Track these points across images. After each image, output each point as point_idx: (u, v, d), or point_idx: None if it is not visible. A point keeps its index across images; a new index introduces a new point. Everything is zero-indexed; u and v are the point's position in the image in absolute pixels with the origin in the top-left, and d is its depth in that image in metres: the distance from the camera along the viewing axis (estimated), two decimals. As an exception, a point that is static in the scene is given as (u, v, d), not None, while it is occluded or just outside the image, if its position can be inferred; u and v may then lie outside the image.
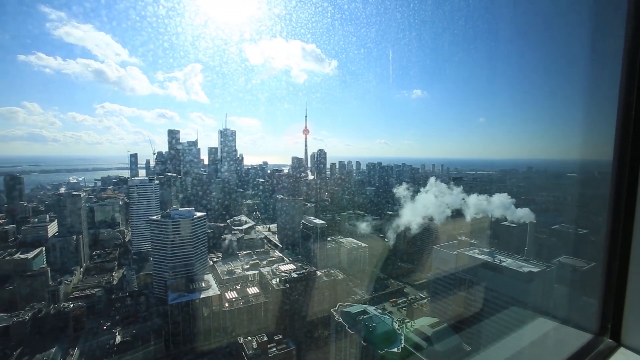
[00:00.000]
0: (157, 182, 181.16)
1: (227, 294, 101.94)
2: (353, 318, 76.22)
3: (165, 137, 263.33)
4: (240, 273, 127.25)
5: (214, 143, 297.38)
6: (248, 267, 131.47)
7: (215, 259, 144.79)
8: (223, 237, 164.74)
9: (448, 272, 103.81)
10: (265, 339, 76.77)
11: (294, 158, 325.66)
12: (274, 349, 76.22)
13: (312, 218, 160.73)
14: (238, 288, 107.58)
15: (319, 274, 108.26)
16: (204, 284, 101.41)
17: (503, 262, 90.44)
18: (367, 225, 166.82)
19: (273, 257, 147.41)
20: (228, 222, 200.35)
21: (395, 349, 69.13)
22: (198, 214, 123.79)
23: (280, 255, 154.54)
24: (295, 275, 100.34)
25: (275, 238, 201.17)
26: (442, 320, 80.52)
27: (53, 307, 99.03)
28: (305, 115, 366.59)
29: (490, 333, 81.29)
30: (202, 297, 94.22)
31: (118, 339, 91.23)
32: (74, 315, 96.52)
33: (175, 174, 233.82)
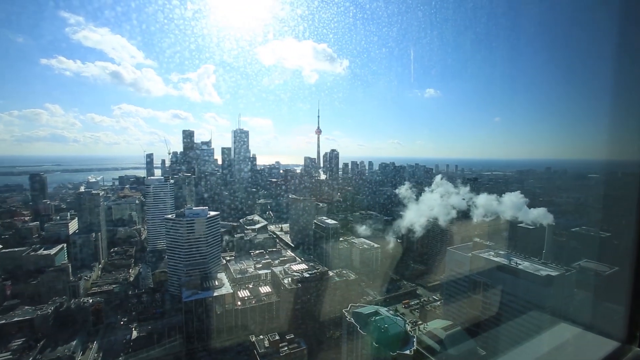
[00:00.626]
0: (172, 181, 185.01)
1: (239, 293, 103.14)
2: (365, 319, 75.80)
3: (180, 137, 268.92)
4: (253, 272, 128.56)
5: (228, 143, 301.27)
6: (260, 266, 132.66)
7: (228, 258, 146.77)
8: (236, 236, 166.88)
9: (462, 274, 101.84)
10: (277, 338, 77.30)
11: (307, 158, 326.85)
12: (286, 348, 76.64)
13: (324, 218, 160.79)
14: (250, 287, 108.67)
15: (331, 274, 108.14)
16: (217, 282, 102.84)
17: (520, 265, 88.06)
18: (379, 226, 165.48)
19: (285, 256, 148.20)
20: (241, 221, 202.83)
21: (408, 351, 68.38)
22: (212, 213, 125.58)
23: (293, 255, 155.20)
24: (307, 275, 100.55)
25: (288, 238, 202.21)
26: (455, 323, 79.20)
27: (73, 301, 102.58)
28: (318, 115, 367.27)
29: (507, 337, 79.33)
30: (215, 295, 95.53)
31: (134, 335, 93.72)
32: (93, 310, 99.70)
33: (190, 174, 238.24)
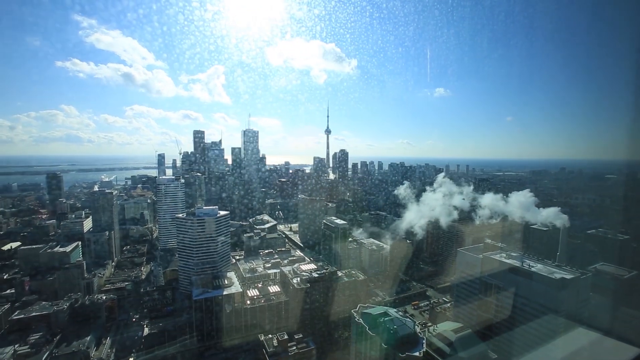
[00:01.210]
0: (182, 181, 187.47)
1: (249, 292, 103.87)
2: (374, 320, 75.32)
3: (191, 137, 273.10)
4: (262, 271, 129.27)
5: (237, 143, 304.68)
6: (269, 265, 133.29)
7: (238, 257, 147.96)
8: (245, 235, 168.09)
9: (473, 276, 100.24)
10: (286, 337, 77.45)
11: (316, 158, 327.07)
12: (294, 348, 76.76)
13: (333, 218, 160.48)
14: (259, 286, 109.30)
15: (340, 274, 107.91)
16: (227, 281, 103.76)
17: (533, 267, 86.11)
18: (389, 226, 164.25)
19: (294, 256, 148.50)
20: (250, 220, 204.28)
21: (417, 353, 67.64)
22: (222, 213, 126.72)
23: (302, 255, 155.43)
24: (316, 275, 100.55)
25: (297, 237, 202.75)
26: (466, 326, 77.87)
27: (88, 298, 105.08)
28: (327, 115, 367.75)
29: (520, 342, 77.72)
30: (225, 293, 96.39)
31: (146, 331, 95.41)
32: (107, 307, 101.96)
33: (200, 174, 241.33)
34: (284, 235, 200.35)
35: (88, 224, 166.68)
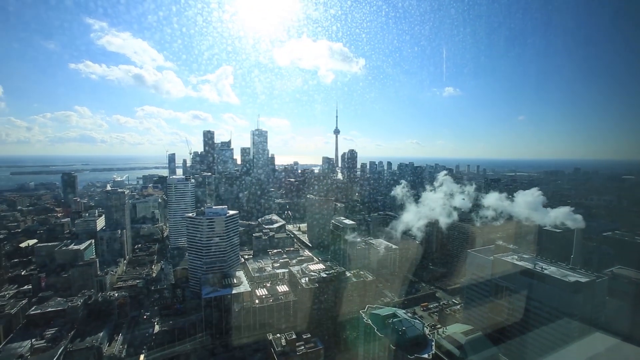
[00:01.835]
0: (193, 180, 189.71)
1: (257, 291, 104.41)
2: (382, 321, 74.81)
3: (200, 137, 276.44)
4: (270, 271, 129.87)
5: (246, 143, 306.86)
6: (278, 265, 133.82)
7: (247, 256, 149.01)
8: (254, 235, 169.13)
9: (483, 278, 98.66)
10: (294, 337, 77.47)
11: (325, 158, 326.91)
12: (302, 347, 76.72)
13: (342, 218, 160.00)
14: (268, 285, 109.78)
15: (348, 275, 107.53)
16: (236, 280, 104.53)
17: (546, 270, 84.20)
18: (397, 227, 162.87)
19: (303, 256, 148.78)
20: (259, 220, 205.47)
21: (426, 355, 66.87)
22: (231, 212, 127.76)
23: (310, 255, 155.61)
24: (325, 275, 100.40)
25: (305, 237, 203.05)
26: (476, 329, 76.62)
27: (101, 294, 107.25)
28: (336, 116, 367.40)
29: (532, 345, 76.13)
30: (233, 292, 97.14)
31: (156, 329, 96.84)
32: (119, 304, 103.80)
33: (210, 173, 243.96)
34: (293, 235, 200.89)
35: (101, 223, 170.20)
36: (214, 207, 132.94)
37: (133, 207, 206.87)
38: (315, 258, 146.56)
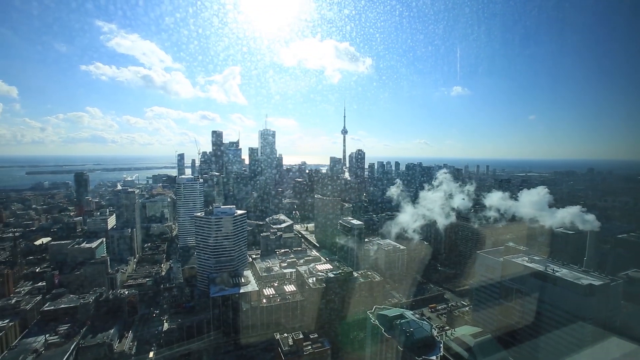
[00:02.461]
0: (201, 180, 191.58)
1: (265, 291, 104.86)
2: (390, 321, 74.25)
3: (209, 137, 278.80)
4: (278, 271, 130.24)
5: (254, 143, 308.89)
6: (285, 265, 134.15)
7: (255, 256, 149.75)
8: (262, 234, 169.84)
9: (493, 279, 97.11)
10: (301, 337, 77.48)
11: (332, 158, 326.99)
12: (309, 347, 76.72)
13: (349, 218, 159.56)
14: (275, 285, 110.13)
15: (356, 275, 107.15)
16: (244, 280, 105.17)
17: (557, 272, 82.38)
18: (405, 227, 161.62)
19: (310, 256, 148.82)
20: (267, 220, 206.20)
21: (434, 357, 66.13)
22: (239, 212, 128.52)
23: (317, 255, 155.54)
24: (332, 275, 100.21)
25: (313, 237, 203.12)
26: (485, 331, 75.48)
27: (111, 292, 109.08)
28: (344, 115, 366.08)
29: (544, 349, 74.64)
30: (241, 292, 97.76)
31: (165, 327, 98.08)
32: (129, 301, 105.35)
33: (218, 173, 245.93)
34: (300, 235, 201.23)
35: (112, 222, 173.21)
36: (222, 206, 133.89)
37: (143, 206, 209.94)
38: (323, 258, 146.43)
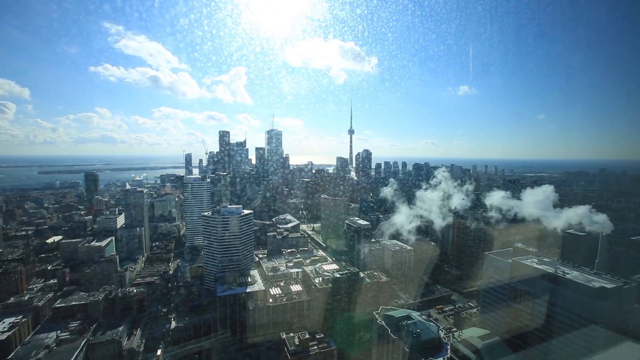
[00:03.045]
0: (209, 180, 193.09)
1: (271, 290, 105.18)
2: (396, 322, 73.90)
3: (216, 137, 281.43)
4: (284, 270, 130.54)
5: (260, 143, 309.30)
6: (292, 264, 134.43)
7: (261, 256, 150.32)
8: (269, 234, 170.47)
9: (501, 281, 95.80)
10: (307, 337, 77.59)
11: (339, 158, 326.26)
12: (315, 347, 76.78)
13: (356, 218, 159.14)
14: (282, 285, 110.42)
15: (362, 275, 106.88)
16: (250, 279, 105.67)
17: (568, 274, 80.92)
18: (412, 228, 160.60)
19: (316, 256, 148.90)
20: (274, 220, 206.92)
21: (441, 359, 65.63)
22: (245, 212, 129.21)
23: (324, 255, 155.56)
24: (338, 276, 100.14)
25: (319, 237, 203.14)
26: (493, 333, 74.68)
27: (120, 290, 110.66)
28: (350, 116, 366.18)
29: (554, 353, 73.37)
30: (248, 291, 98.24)
31: (173, 325, 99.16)
32: (137, 300, 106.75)
33: (225, 173, 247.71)
34: (307, 235, 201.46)
35: (121, 221, 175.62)
36: (229, 206, 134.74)
37: (151, 205, 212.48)
38: (329, 258, 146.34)
